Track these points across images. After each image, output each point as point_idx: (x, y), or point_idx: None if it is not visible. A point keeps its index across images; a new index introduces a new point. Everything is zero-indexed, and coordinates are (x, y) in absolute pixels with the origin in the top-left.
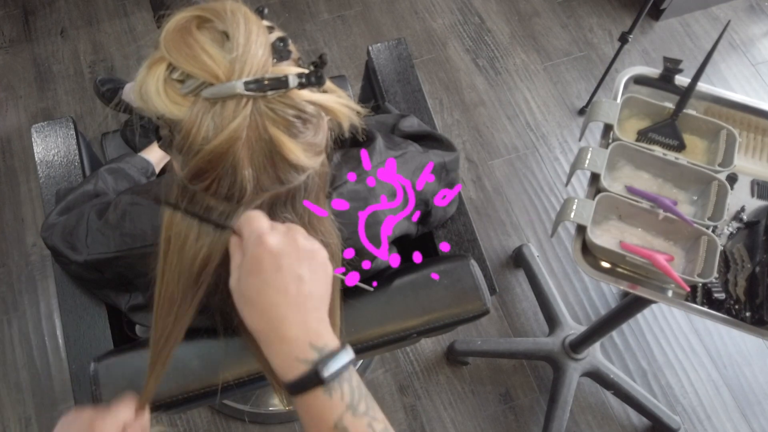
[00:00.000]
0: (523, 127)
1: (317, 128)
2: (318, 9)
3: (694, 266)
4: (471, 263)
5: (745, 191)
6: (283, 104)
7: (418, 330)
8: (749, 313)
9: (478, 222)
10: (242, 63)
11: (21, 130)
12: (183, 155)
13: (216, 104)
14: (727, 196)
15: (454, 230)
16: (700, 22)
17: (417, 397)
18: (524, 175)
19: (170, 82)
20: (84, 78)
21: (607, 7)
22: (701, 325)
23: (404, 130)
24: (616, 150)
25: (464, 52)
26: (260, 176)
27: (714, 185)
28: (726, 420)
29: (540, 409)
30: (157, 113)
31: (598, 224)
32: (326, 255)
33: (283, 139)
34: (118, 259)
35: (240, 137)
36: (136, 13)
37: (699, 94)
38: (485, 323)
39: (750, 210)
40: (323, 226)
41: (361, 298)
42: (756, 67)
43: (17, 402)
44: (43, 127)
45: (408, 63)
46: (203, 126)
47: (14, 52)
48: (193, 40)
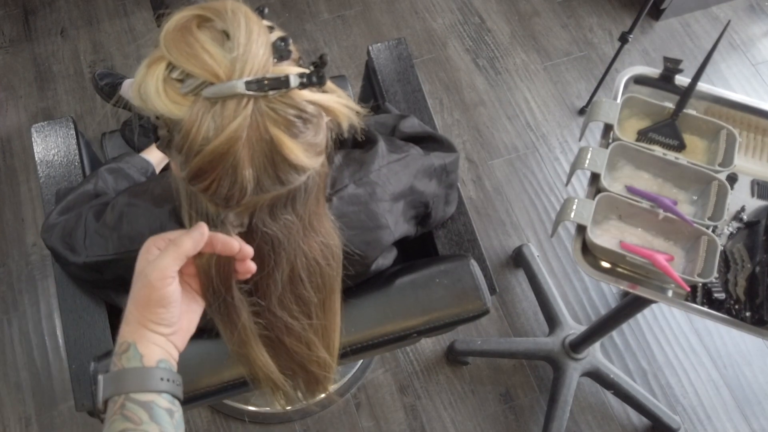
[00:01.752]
0: (523, 127)
1: (317, 128)
2: (318, 9)
3: (694, 266)
4: (471, 263)
5: (745, 191)
6: (284, 104)
7: (418, 330)
8: (749, 313)
9: (478, 222)
10: (243, 62)
11: (21, 129)
12: (183, 155)
13: (216, 104)
14: (727, 196)
15: (454, 230)
16: (700, 21)
17: (417, 396)
18: (524, 175)
19: (170, 81)
20: (84, 78)
21: (607, 6)
22: (701, 325)
23: (405, 132)
24: (616, 150)
25: (464, 51)
26: (261, 177)
27: (714, 185)
28: (726, 420)
29: (540, 409)
30: (156, 113)
31: (598, 224)
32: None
33: (283, 139)
34: (116, 261)
35: (240, 137)
36: (136, 12)
37: (699, 93)
38: (485, 323)
39: (750, 210)
40: (323, 228)
41: (361, 298)
42: (756, 67)
43: (17, 402)
44: (43, 126)
45: (408, 63)
46: (203, 126)
47: (14, 52)
48: (193, 39)
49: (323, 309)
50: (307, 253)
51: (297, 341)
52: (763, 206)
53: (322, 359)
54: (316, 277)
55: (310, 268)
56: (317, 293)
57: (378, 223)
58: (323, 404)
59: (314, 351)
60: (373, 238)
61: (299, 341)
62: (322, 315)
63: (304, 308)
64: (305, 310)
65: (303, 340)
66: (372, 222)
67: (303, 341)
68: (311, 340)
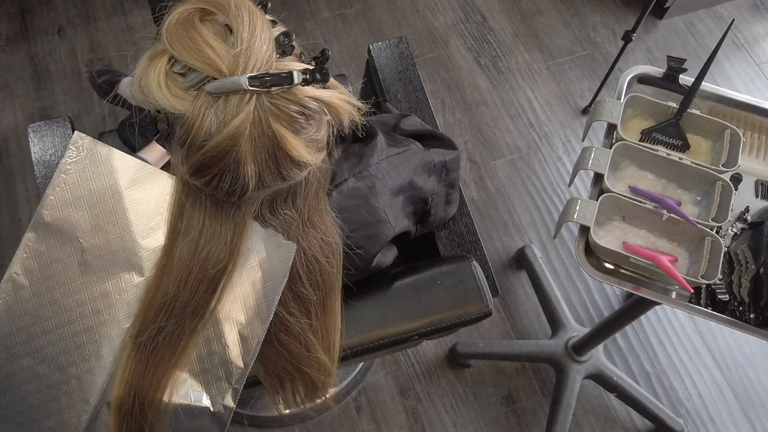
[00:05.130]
0: (526, 126)
1: (319, 124)
2: (318, 7)
3: (698, 267)
4: (473, 264)
5: (750, 192)
6: (287, 100)
7: (419, 332)
8: (753, 315)
9: (480, 223)
10: (246, 58)
11: (18, 129)
12: (184, 150)
13: (219, 99)
14: (732, 197)
15: (456, 231)
16: (704, 20)
17: (418, 399)
18: (527, 175)
19: (172, 75)
20: (81, 77)
21: (611, 5)
22: (705, 327)
23: (406, 129)
24: (619, 150)
25: (466, 50)
26: (263, 172)
27: (718, 185)
28: (730, 423)
29: (543, 412)
30: (157, 107)
31: (602, 225)
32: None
33: (286, 135)
34: None
35: (243, 133)
36: (134, 11)
37: (703, 93)
38: (487, 325)
39: (754, 210)
40: (323, 224)
41: (362, 299)
42: (760, 66)
43: None
44: (40, 126)
45: (409, 62)
46: (206, 121)
47: (11, 51)
48: (196, 33)
49: (323, 308)
50: (306, 249)
51: (295, 341)
52: (767, 207)
53: (321, 362)
54: (315, 275)
55: (310, 266)
56: (316, 291)
57: (378, 217)
58: (319, 409)
59: (313, 353)
60: (373, 232)
61: (297, 341)
62: (321, 315)
63: (303, 307)
64: (304, 308)
65: (301, 341)
66: (372, 216)
67: (301, 341)
68: (310, 341)
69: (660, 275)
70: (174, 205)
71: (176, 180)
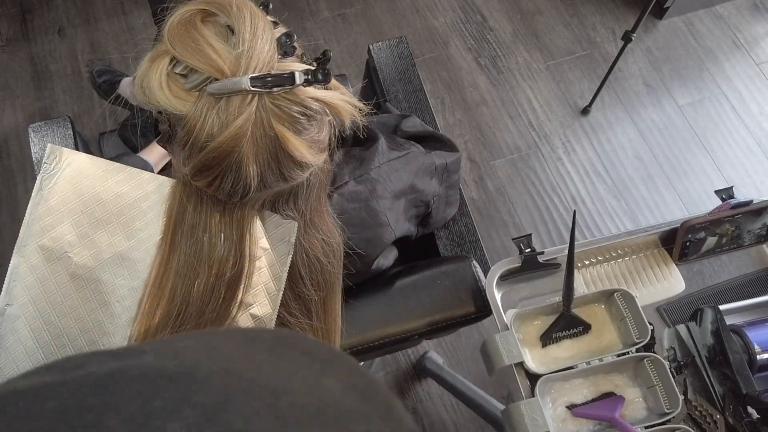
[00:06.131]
0: (526, 126)
1: (321, 125)
2: (318, 7)
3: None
4: (473, 264)
5: (660, 323)
6: (289, 101)
7: (419, 332)
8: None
9: (480, 223)
10: (248, 58)
11: (18, 129)
12: (186, 151)
13: (221, 100)
14: (667, 368)
15: (456, 231)
16: (704, 20)
17: (418, 399)
18: (527, 175)
19: (173, 76)
20: (81, 77)
21: (611, 5)
22: None
23: (406, 131)
24: (543, 385)
25: (466, 50)
26: (264, 173)
27: (646, 363)
28: None
29: None
30: (158, 108)
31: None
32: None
33: (288, 136)
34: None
35: (245, 134)
36: (134, 11)
37: (580, 255)
38: (487, 324)
39: (680, 349)
40: (325, 225)
41: (362, 299)
42: (760, 66)
43: None
44: (40, 126)
45: (409, 62)
46: (208, 122)
47: (11, 51)
48: (198, 33)
49: (323, 309)
50: (307, 250)
51: None
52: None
53: None
54: (316, 275)
55: (311, 266)
56: (317, 291)
57: (378, 220)
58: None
59: None
60: (374, 235)
61: None
62: (322, 315)
63: (304, 307)
64: (305, 308)
65: None
66: (372, 219)
67: None
68: None
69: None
70: (175, 206)
71: (177, 181)
